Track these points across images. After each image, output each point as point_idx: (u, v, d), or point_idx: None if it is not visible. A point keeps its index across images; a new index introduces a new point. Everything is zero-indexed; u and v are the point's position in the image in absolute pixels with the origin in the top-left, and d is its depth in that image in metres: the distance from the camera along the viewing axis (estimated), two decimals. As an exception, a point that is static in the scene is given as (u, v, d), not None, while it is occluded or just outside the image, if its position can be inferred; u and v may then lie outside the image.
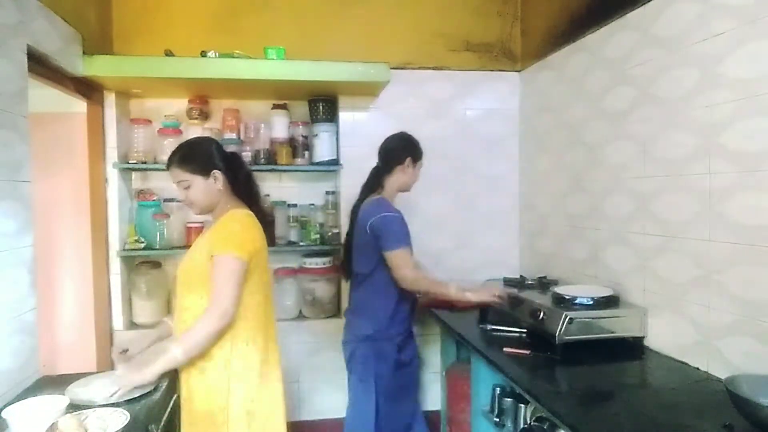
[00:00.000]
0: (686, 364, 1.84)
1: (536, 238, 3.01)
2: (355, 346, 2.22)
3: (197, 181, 1.74)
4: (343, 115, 3.01)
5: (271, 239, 1.96)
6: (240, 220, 1.74)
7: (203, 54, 2.56)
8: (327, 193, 3.06)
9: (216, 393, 1.67)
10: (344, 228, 2.97)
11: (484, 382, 2.08)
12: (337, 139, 3.02)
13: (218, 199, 1.78)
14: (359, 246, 2.25)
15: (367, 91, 2.89)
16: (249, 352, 1.71)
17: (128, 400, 1.58)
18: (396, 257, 2.11)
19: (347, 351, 2.28)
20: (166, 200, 2.88)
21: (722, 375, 1.58)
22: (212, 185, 1.75)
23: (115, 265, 2.76)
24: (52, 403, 1.44)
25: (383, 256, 2.13)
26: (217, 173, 1.75)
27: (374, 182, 2.30)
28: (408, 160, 2.27)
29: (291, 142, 2.96)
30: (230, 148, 2.79)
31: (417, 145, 2.32)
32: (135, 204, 2.90)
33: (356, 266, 2.28)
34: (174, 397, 1.75)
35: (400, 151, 2.27)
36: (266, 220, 1.90)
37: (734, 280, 1.65)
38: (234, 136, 2.89)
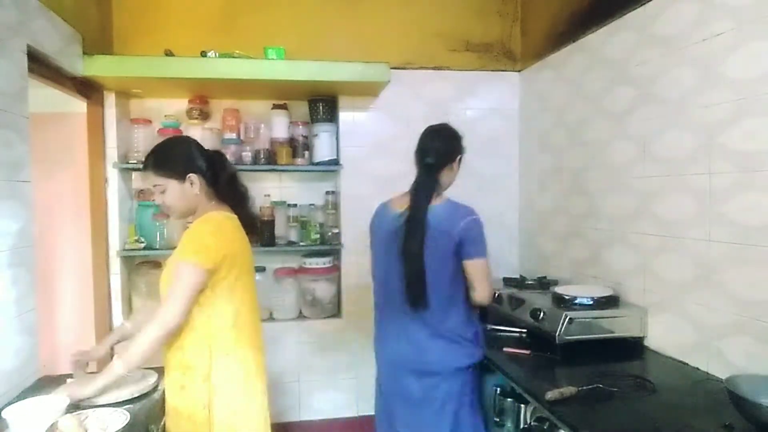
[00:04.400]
0: (686, 364, 1.84)
1: (536, 238, 3.01)
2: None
3: (172, 186, 1.64)
4: (343, 115, 3.01)
5: (260, 242, 1.87)
6: (212, 223, 1.62)
7: (203, 54, 2.56)
8: (327, 193, 3.06)
9: (199, 408, 1.59)
10: (344, 228, 2.99)
11: (484, 382, 2.08)
12: (337, 139, 3.02)
13: (197, 203, 1.68)
14: (439, 260, 1.84)
15: (367, 91, 2.89)
16: (230, 364, 1.61)
17: (128, 400, 1.58)
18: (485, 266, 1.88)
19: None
20: (166, 200, 2.87)
21: (722, 375, 1.58)
22: (188, 189, 1.65)
23: (115, 265, 2.76)
24: (52, 403, 1.44)
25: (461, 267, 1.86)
26: (193, 177, 1.64)
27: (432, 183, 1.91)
28: (459, 157, 1.98)
29: (291, 142, 2.96)
30: (230, 148, 2.84)
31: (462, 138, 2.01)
32: (135, 204, 2.90)
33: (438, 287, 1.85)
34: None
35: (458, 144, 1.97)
36: (252, 224, 1.79)
37: (734, 280, 1.65)
38: (234, 136, 2.89)
